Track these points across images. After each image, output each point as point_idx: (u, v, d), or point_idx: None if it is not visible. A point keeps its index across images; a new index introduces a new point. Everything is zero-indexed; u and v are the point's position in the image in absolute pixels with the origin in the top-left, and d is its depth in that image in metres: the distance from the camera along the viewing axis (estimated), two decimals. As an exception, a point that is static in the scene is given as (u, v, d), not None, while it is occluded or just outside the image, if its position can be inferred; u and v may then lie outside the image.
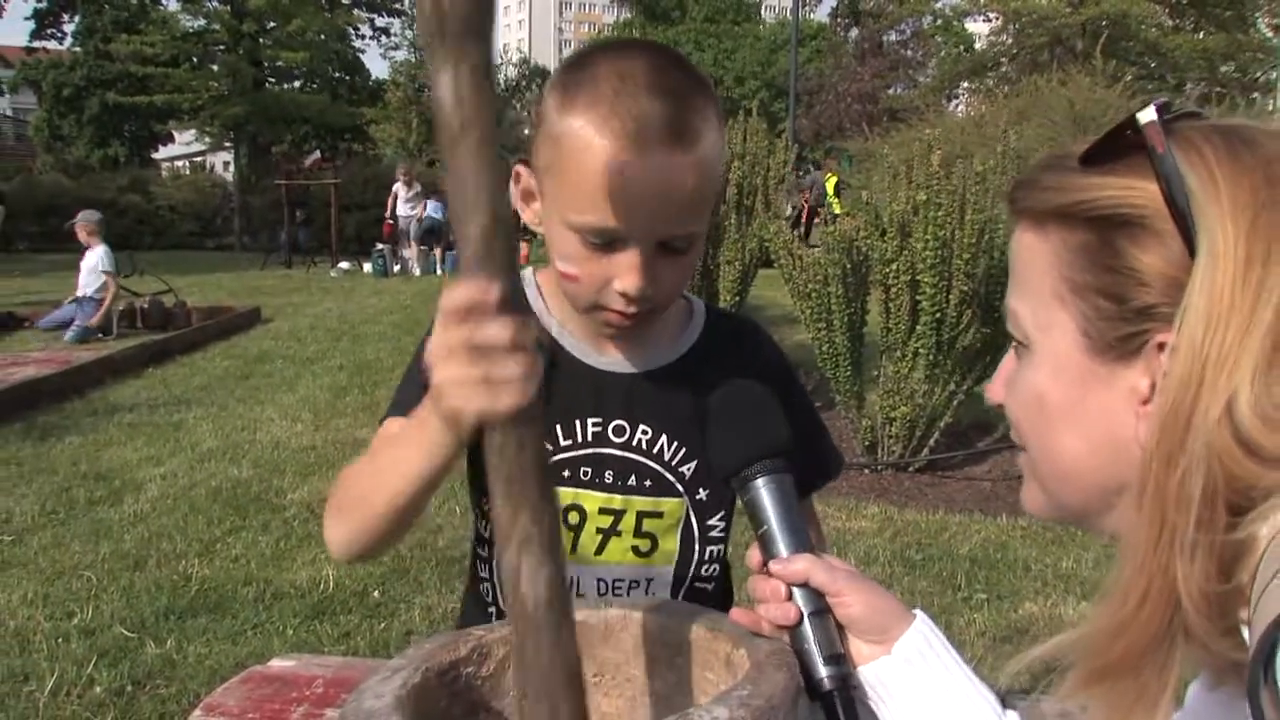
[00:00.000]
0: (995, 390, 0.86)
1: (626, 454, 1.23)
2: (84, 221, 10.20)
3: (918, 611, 0.97)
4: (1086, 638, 0.70)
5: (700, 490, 1.25)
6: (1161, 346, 0.68)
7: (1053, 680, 0.76)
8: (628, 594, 1.25)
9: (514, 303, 0.74)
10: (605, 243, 1.08)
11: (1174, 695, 0.67)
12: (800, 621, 0.93)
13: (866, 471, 5.54)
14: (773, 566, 0.95)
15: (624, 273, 1.08)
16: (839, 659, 0.92)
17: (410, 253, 17.32)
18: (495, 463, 0.74)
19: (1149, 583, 0.66)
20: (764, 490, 0.97)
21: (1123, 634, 0.67)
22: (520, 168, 1.18)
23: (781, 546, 0.95)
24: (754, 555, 0.98)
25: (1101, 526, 0.79)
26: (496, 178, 0.73)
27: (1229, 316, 0.64)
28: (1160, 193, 0.68)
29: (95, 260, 10.00)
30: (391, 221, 17.80)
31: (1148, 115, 0.70)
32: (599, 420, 1.23)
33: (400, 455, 0.97)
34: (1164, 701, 0.67)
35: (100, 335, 9.68)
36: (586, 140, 1.05)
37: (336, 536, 1.12)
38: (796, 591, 0.94)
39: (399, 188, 17.80)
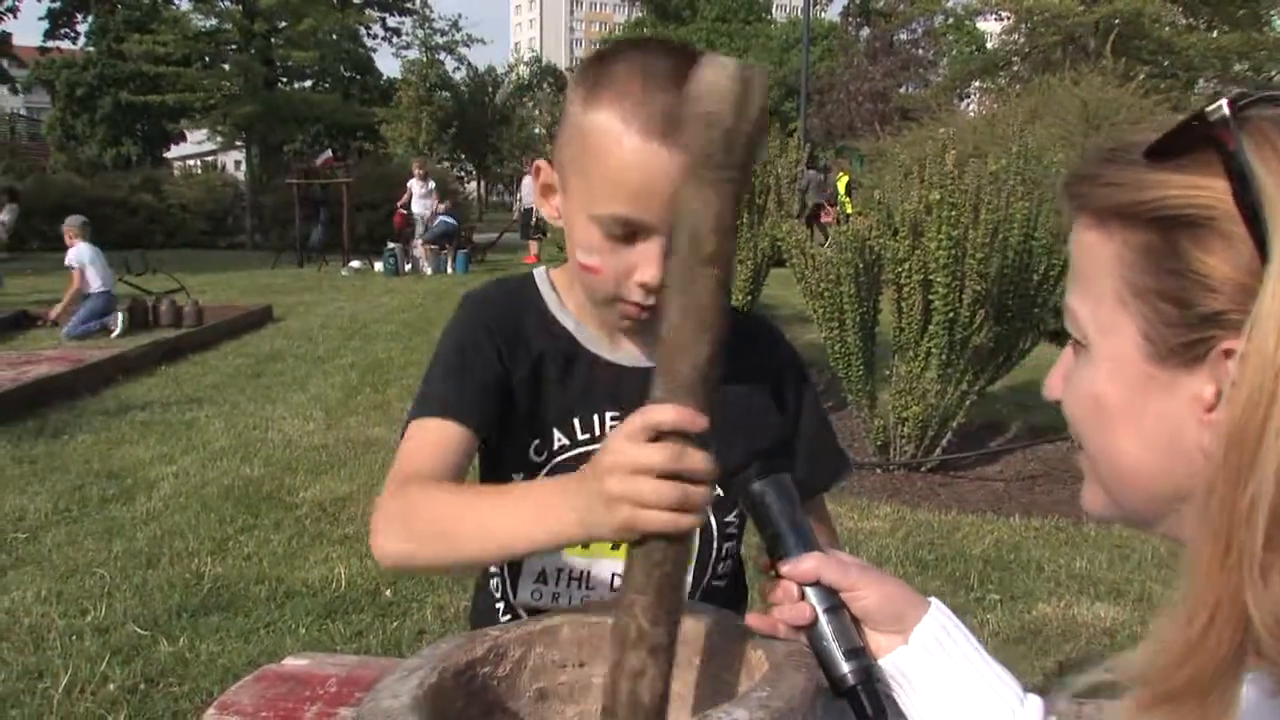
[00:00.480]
0: (1054, 385, 0.83)
1: None
2: (68, 225, 10.62)
3: (933, 599, 0.96)
4: (1150, 661, 0.65)
5: (714, 486, 1.25)
6: (1228, 354, 0.65)
7: (1064, 682, 0.74)
8: None
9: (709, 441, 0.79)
10: (628, 234, 1.10)
11: (1236, 716, 0.64)
12: (816, 620, 0.92)
13: (879, 471, 5.53)
14: (782, 568, 0.94)
15: (645, 264, 1.11)
16: (859, 652, 0.92)
17: (420, 251, 17.32)
18: (648, 574, 0.80)
19: (1216, 604, 0.63)
20: (765, 492, 0.96)
21: (1190, 658, 0.63)
22: (541, 162, 1.20)
23: (789, 547, 0.95)
24: (763, 559, 0.98)
25: (1164, 532, 0.76)
26: (725, 317, 0.76)
27: None
28: (1230, 192, 0.64)
29: (68, 258, 10.30)
30: (405, 213, 17.81)
31: (1219, 110, 0.65)
32: (616, 414, 1.23)
33: (517, 520, 0.97)
34: None
35: (53, 324, 10.10)
36: (614, 133, 1.07)
37: (395, 552, 1.09)
38: (809, 590, 0.93)
39: (414, 183, 17.79)
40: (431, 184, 17.79)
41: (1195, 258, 0.66)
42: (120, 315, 10.00)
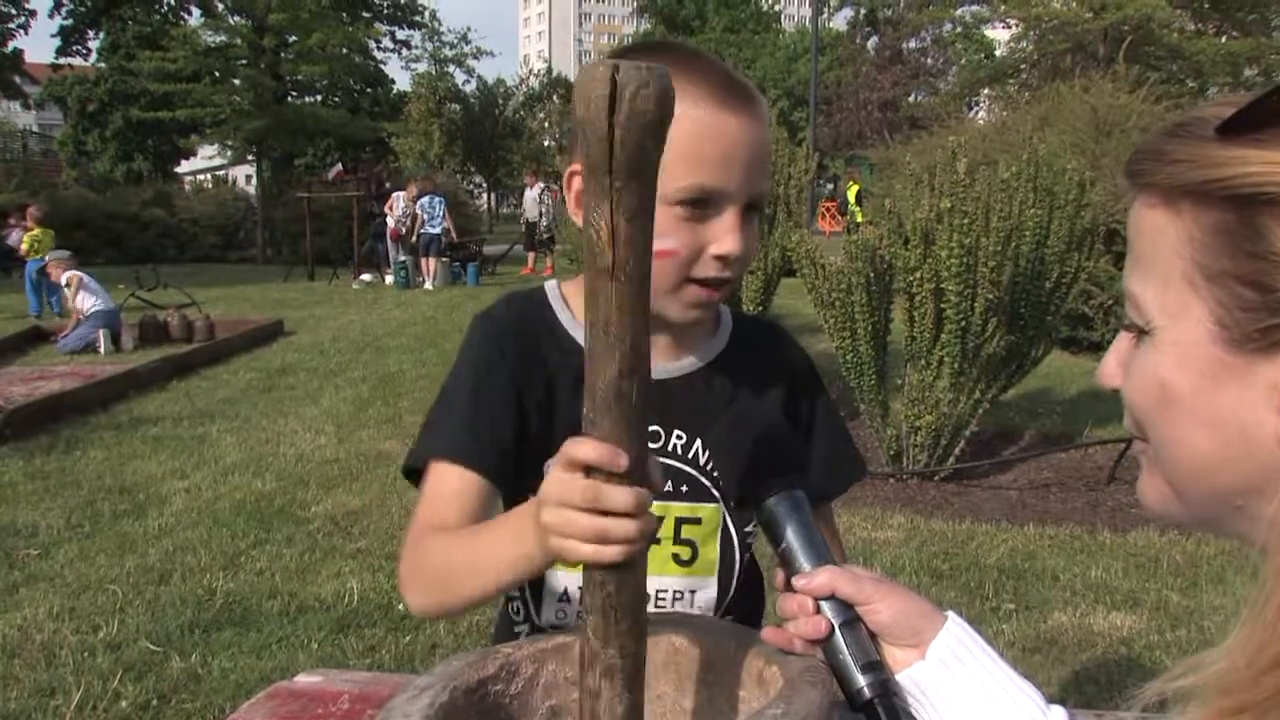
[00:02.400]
0: (1111, 373, 0.77)
1: (662, 459, 1.22)
2: (52, 261, 11.27)
3: (949, 612, 0.95)
4: (1231, 670, 0.61)
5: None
6: None
7: (1086, 696, 0.72)
8: (671, 605, 1.24)
9: (639, 466, 0.78)
10: (700, 209, 1.11)
11: None
12: (831, 634, 0.92)
13: (892, 481, 5.51)
14: (796, 582, 0.94)
15: (723, 235, 1.12)
16: (876, 665, 0.91)
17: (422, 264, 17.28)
18: (592, 595, 0.80)
19: None
20: (778, 508, 0.96)
21: (1275, 669, 0.59)
22: (574, 166, 1.17)
23: (803, 561, 0.94)
24: (778, 573, 0.97)
25: (1233, 531, 0.72)
26: (639, 326, 0.74)
27: None
28: None
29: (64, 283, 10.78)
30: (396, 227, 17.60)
31: None
32: None
33: (496, 551, 0.99)
34: None
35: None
36: (681, 109, 1.06)
37: (419, 604, 1.13)
38: (824, 604, 0.92)
39: (400, 196, 17.57)
40: (412, 195, 17.53)
41: (1277, 237, 0.63)
42: (104, 335, 10.02)
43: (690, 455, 1.23)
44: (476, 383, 1.21)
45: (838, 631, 0.91)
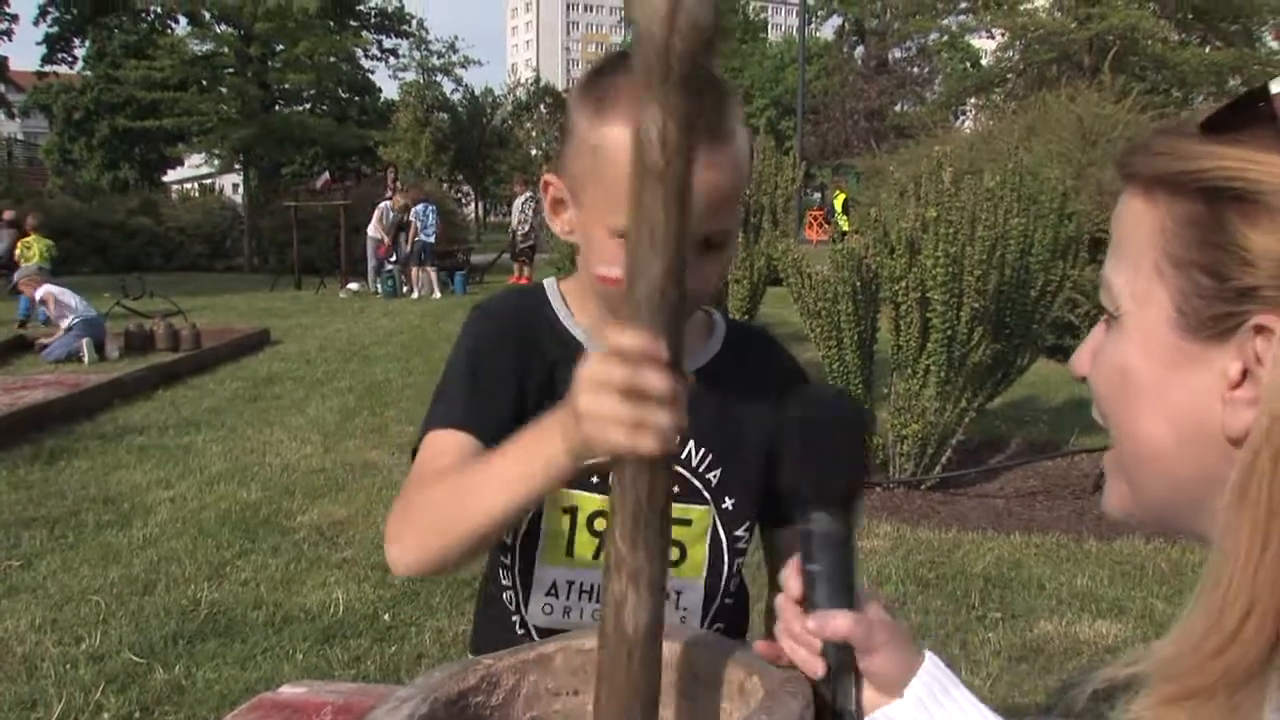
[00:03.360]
0: (1082, 361, 0.80)
1: None
2: (23, 279, 11.42)
3: (926, 652, 0.94)
4: (1179, 654, 0.64)
5: (726, 499, 1.26)
6: (1260, 330, 0.64)
7: (1068, 697, 0.72)
8: None
9: (675, 358, 0.79)
10: None
11: (1265, 715, 0.62)
12: (825, 677, 0.90)
13: (878, 490, 5.52)
14: (811, 622, 0.90)
15: None
16: (851, 716, 0.91)
17: (413, 273, 17.26)
18: (623, 497, 0.80)
19: (1254, 595, 0.61)
20: (827, 532, 0.92)
21: (1222, 653, 0.61)
22: (550, 177, 1.20)
23: (824, 597, 0.91)
24: (794, 584, 0.93)
25: (1191, 526, 0.73)
26: (681, 231, 0.75)
27: None
28: None
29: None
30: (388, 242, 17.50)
31: None
32: None
33: (508, 467, 0.98)
34: None
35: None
36: (628, 143, 1.07)
37: (410, 554, 1.10)
38: (828, 645, 0.91)
39: (387, 208, 17.50)
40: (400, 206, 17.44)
41: (1240, 231, 0.65)
42: (87, 344, 9.96)
43: (682, 455, 1.24)
44: (474, 362, 1.22)
45: (831, 676, 0.90)
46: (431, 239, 16.90)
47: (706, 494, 1.25)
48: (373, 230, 17.22)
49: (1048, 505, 5.34)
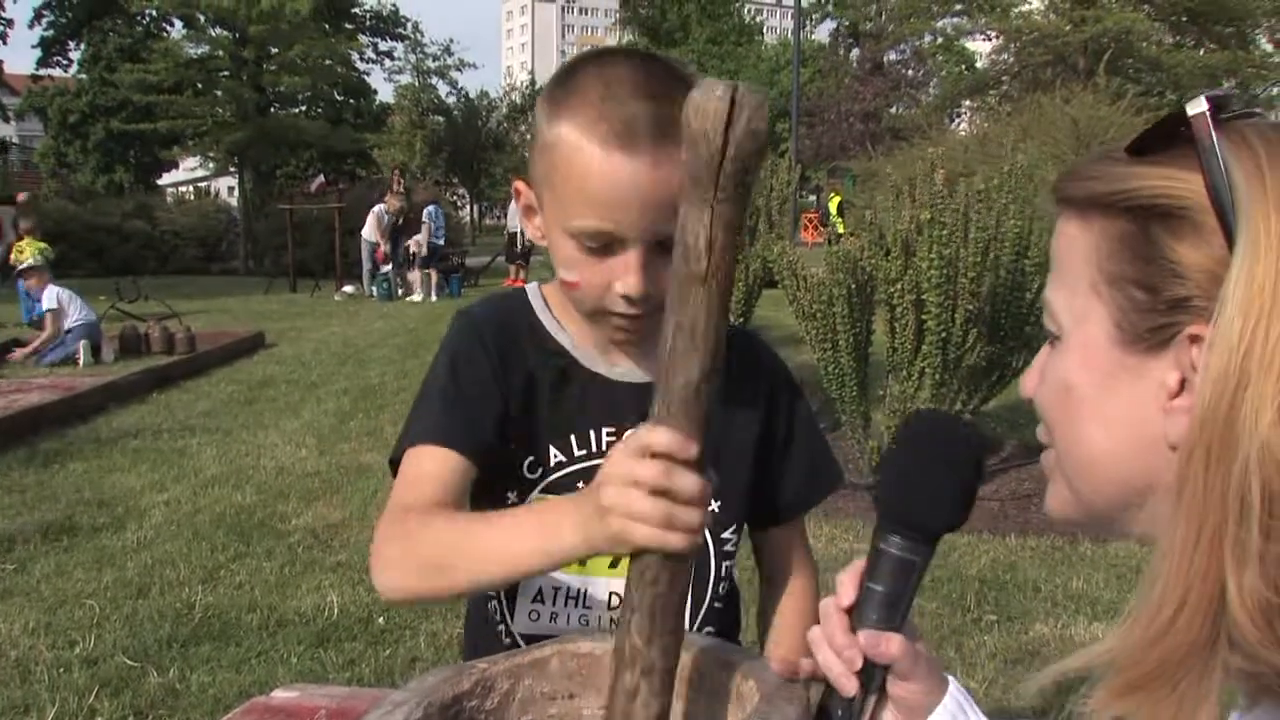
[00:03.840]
0: (1030, 382, 0.83)
1: None
2: (33, 273, 11.12)
3: (950, 678, 0.93)
4: (1119, 648, 0.67)
5: (713, 502, 1.24)
6: (1194, 339, 0.66)
7: (1068, 702, 0.73)
8: None
9: (703, 464, 0.80)
10: (602, 246, 1.10)
11: (1214, 707, 0.64)
12: (855, 696, 0.87)
13: (873, 492, 5.52)
14: (864, 639, 0.87)
15: (623, 274, 1.10)
16: None
17: (414, 276, 17.25)
18: (641, 591, 0.80)
19: (1187, 588, 0.64)
20: (899, 557, 0.88)
21: (1159, 642, 0.65)
22: (519, 183, 1.21)
23: (880, 618, 0.87)
24: (847, 591, 0.88)
25: (1128, 528, 0.77)
26: (721, 332, 0.77)
27: (1272, 312, 0.62)
28: (1205, 185, 0.66)
29: (45, 302, 10.45)
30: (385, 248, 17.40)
31: (1197, 106, 0.68)
32: (613, 430, 1.23)
33: (514, 541, 0.97)
34: (1203, 712, 0.64)
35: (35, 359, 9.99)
36: (576, 145, 1.08)
37: (396, 587, 1.10)
38: (866, 666, 0.87)
39: (383, 210, 17.38)
40: (398, 206, 17.37)
41: (1168, 246, 0.68)
42: (84, 347, 9.93)
43: None
44: (454, 371, 1.22)
45: (863, 697, 0.87)
46: (441, 241, 16.95)
47: None
48: (368, 233, 17.14)
49: (1042, 507, 5.33)
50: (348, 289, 17.56)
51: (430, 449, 1.16)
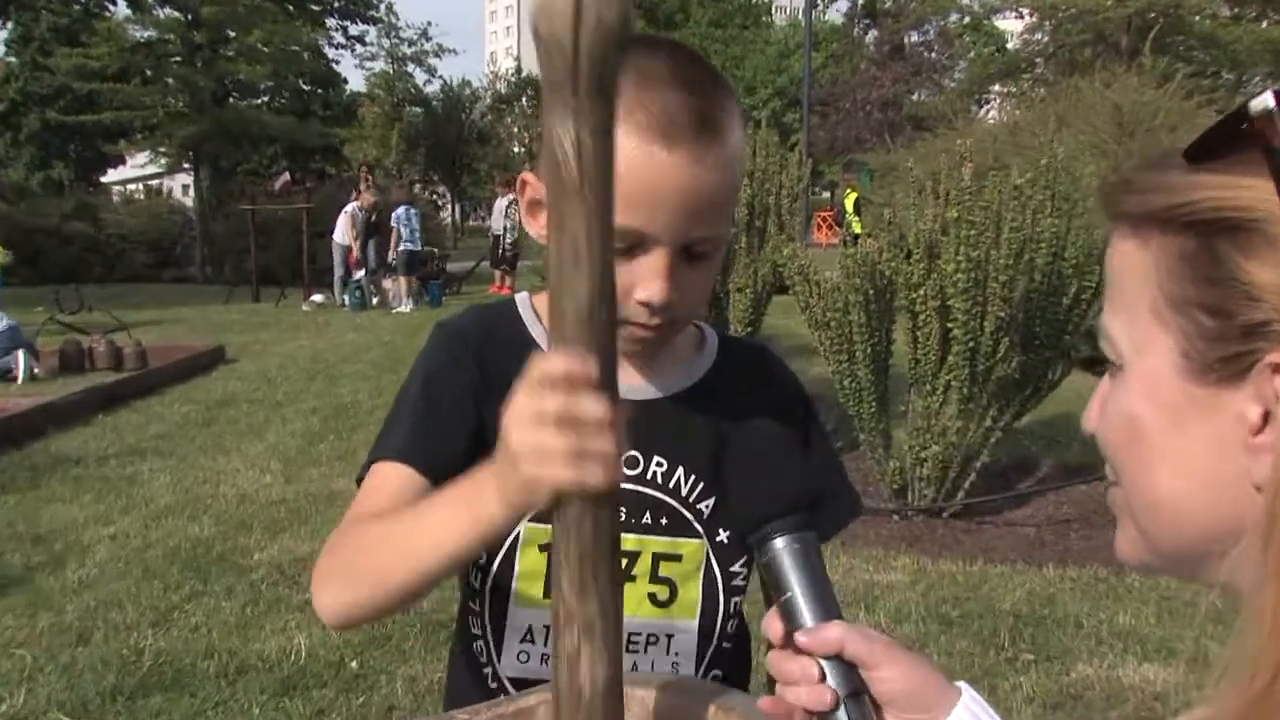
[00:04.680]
0: (1092, 416, 0.81)
1: (640, 488, 1.23)
2: None
3: (962, 685, 0.94)
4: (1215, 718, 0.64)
5: (720, 531, 1.26)
6: (1276, 369, 0.65)
7: None
8: (645, 650, 1.24)
9: (609, 381, 0.79)
10: (628, 247, 1.09)
11: None
12: (836, 708, 0.89)
13: (895, 518, 5.52)
14: (801, 638, 0.90)
15: (648, 279, 1.11)
16: None
17: (389, 284, 17.26)
18: (567, 540, 0.79)
19: None
20: (785, 552, 0.92)
21: (1254, 715, 0.62)
22: (528, 176, 1.21)
23: (807, 616, 0.91)
24: (774, 626, 0.92)
25: (1210, 576, 0.74)
26: (606, 246, 0.76)
27: None
28: (1276, 192, 0.63)
29: None
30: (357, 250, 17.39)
31: (1263, 102, 0.65)
32: None
33: (440, 522, 0.97)
34: None
35: None
36: None
37: (334, 604, 1.10)
38: (829, 670, 0.89)
39: (355, 209, 17.37)
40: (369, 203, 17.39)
41: (1237, 264, 0.66)
42: (22, 357, 9.90)
43: (671, 485, 1.24)
44: (427, 385, 1.23)
45: (842, 704, 0.90)
46: (417, 246, 16.89)
47: (699, 526, 1.24)
48: (339, 236, 17.14)
49: (1084, 534, 5.34)
50: (317, 298, 17.56)
51: (393, 465, 1.17)
